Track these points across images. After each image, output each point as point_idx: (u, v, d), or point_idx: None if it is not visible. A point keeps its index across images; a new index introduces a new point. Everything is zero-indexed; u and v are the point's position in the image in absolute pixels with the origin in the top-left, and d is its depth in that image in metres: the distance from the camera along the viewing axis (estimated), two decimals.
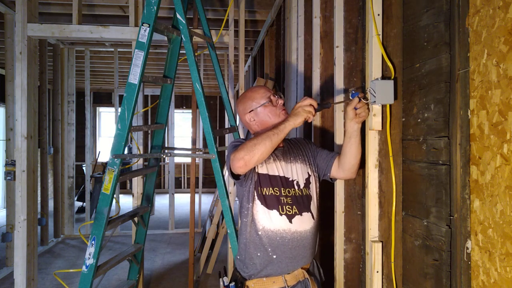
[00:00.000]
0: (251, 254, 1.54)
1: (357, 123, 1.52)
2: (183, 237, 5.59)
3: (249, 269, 1.56)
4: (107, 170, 2.37)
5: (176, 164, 9.89)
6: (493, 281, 1.00)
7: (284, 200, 1.53)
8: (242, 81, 3.57)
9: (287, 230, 1.51)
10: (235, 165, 1.42)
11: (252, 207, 1.53)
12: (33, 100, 3.07)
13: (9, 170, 3.75)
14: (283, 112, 1.63)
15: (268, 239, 1.51)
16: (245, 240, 1.56)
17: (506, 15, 0.95)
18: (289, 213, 1.52)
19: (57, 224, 5.40)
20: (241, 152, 1.40)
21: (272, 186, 1.54)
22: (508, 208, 0.94)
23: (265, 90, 1.66)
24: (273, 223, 1.51)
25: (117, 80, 5.79)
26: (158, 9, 2.38)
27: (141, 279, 3.18)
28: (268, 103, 1.62)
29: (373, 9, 1.48)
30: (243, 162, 1.39)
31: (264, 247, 1.52)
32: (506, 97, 0.95)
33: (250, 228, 1.54)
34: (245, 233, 1.57)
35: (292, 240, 1.51)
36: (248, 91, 1.70)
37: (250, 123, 1.65)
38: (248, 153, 1.39)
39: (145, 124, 8.03)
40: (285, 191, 1.55)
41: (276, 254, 1.51)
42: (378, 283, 1.51)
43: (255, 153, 1.39)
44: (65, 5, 4.02)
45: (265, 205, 1.52)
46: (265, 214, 1.52)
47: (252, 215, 1.53)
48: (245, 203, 1.56)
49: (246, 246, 1.56)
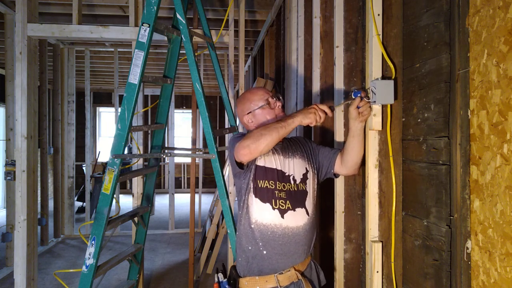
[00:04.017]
0: (243, 246, 1.56)
1: (360, 122, 1.53)
2: (183, 237, 5.59)
3: (241, 263, 1.57)
4: (107, 170, 2.37)
5: (176, 164, 9.88)
6: (493, 281, 1.00)
7: (278, 194, 1.53)
8: (242, 81, 3.57)
9: (278, 225, 1.51)
10: (239, 152, 1.44)
11: (247, 199, 1.54)
12: (33, 100, 3.06)
13: (9, 170, 3.75)
14: (281, 114, 1.64)
15: (259, 233, 1.52)
16: (239, 232, 1.59)
17: (506, 15, 0.95)
18: (282, 208, 1.52)
19: (57, 224, 5.40)
20: (247, 140, 1.42)
21: (268, 179, 1.54)
22: (508, 208, 0.94)
23: (263, 92, 1.66)
24: (265, 217, 1.52)
25: (117, 80, 5.79)
26: (158, 9, 2.38)
27: (141, 279, 3.18)
28: (266, 106, 1.62)
29: (373, 9, 1.48)
30: (248, 150, 1.42)
31: (255, 241, 1.53)
32: (506, 97, 0.95)
33: (245, 220, 1.56)
34: (239, 225, 1.59)
35: (283, 236, 1.51)
36: (247, 93, 1.70)
37: (249, 124, 1.66)
38: (254, 142, 1.41)
39: (145, 124, 8.03)
40: (280, 185, 1.55)
41: (266, 249, 1.51)
42: (378, 283, 1.51)
43: (261, 142, 1.41)
44: (65, 5, 4.02)
45: (260, 197, 1.53)
46: (258, 207, 1.53)
47: (247, 207, 1.55)
48: (242, 195, 1.58)
49: (240, 238, 1.58)
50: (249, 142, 1.41)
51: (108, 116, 10.24)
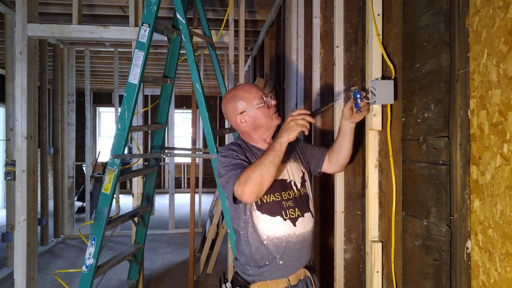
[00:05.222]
0: (258, 263, 1.48)
1: (351, 122, 1.54)
2: (183, 237, 5.59)
3: (253, 276, 1.51)
4: (107, 170, 2.37)
5: (176, 164, 9.88)
6: (493, 281, 1.00)
7: (286, 204, 1.49)
8: (242, 81, 3.56)
9: (292, 234, 1.48)
10: (246, 199, 1.34)
11: (252, 217, 1.47)
12: (33, 100, 3.06)
13: (9, 170, 3.75)
14: (275, 114, 1.56)
15: (275, 247, 1.46)
16: (249, 253, 1.49)
17: (506, 15, 0.95)
18: (293, 216, 1.49)
19: (57, 224, 5.40)
20: (249, 186, 1.31)
21: (273, 192, 1.48)
22: (508, 208, 0.94)
23: (257, 90, 1.55)
24: (278, 230, 1.46)
25: (117, 80, 5.79)
26: (158, 9, 2.38)
27: (141, 279, 3.18)
28: (262, 105, 1.52)
29: (373, 9, 1.48)
30: (254, 196, 1.33)
31: (272, 256, 1.47)
32: (506, 97, 0.95)
33: (253, 239, 1.47)
34: (246, 245, 1.50)
35: (297, 243, 1.49)
36: (239, 90, 1.56)
37: (241, 124, 1.54)
38: (257, 186, 1.32)
39: (145, 124, 8.02)
40: (285, 194, 1.50)
41: (283, 259, 1.48)
42: (378, 283, 1.51)
43: (264, 184, 1.33)
44: (65, 5, 4.02)
45: (268, 213, 1.47)
46: (268, 222, 1.46)
47: (254, 226, 1.47)
48: (241, 215, 1.50)
49: (252, 256, 1.49)
50: (252, 188, 1.31)
51: (108, 116, 10.24)
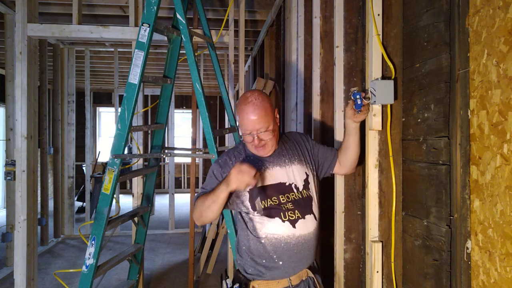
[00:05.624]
0: (256, 261, 1.52)
1: (354, 121, 1.53)
2: (183, 237, 5.59)
3: (253, 274, 1.54)
4: (107, 170, 2.37)
5: (176, 164, 9.88)
6: (493, 281, 1.00)
7: (285, 207, 1.50)
8: (242, 81, 3.57)
9: (291, 236, 1.49)
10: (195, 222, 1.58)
11: (251, 219, 1.51)
12: (33, 100, 3.06)
13: (9, 170, 3.75)
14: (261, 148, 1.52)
15: (272, 246, 1.49)
16: (248, 249, 1.54)
17: (506, 15, 0.95)
18: (292, 218, 1.49)
19: (57, 224, 5.40)
20: (195, 214, 1.55)
21: (270, 197, 1.50)
22: (508, 208, 0.94)
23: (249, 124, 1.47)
24: (276, 230, 1.48)
25: (117, 80, 5.79)
26: (158, 9, 2.38)
27: (141, 279, 3.18)
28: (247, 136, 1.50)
29: (373, 9, 1.48)
30: (199, 223, 1.57)
31: (269, 255, 1.49)
32: (506, 97, 0.95)
33: (252, 237, 1.52)
34: (246, 242, 1.54)
35: (297, 245, 1.50)
36: (241, 104, 1.50)
37: None
38: (198, 219, 1.53)
39: (145, 124, 8.02)
40: (284, 197, 1.51)
41: (282, 260, 1.49)
42: (378, 283, 1.51)
43: (206, 218, 1.51)
44: (65, 5, 4.02)
45: (266, 215, 1.49)
46: (267, 222, 1.49)
47: (253, 225, 1.51)
48: (240, 216, 1.56)
49: (250, 254, 1.53)
50: (196, 217, 1.54)
51: (108, 116, 10.24)
